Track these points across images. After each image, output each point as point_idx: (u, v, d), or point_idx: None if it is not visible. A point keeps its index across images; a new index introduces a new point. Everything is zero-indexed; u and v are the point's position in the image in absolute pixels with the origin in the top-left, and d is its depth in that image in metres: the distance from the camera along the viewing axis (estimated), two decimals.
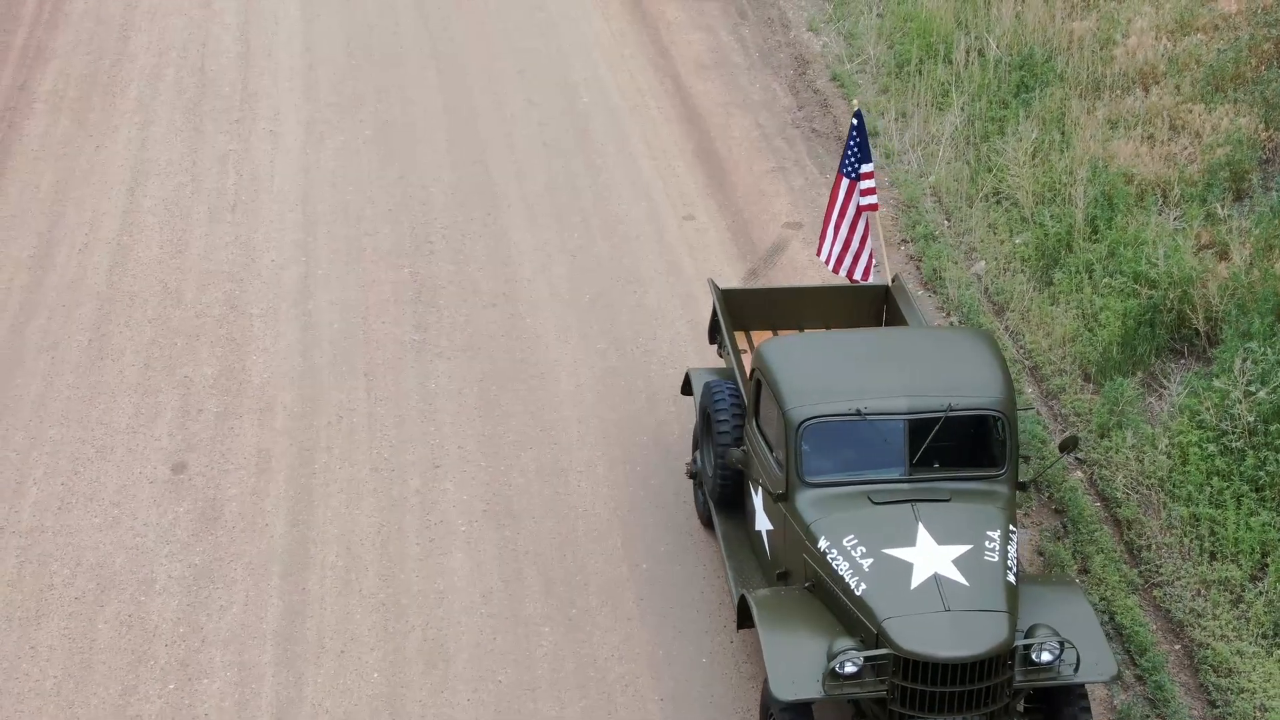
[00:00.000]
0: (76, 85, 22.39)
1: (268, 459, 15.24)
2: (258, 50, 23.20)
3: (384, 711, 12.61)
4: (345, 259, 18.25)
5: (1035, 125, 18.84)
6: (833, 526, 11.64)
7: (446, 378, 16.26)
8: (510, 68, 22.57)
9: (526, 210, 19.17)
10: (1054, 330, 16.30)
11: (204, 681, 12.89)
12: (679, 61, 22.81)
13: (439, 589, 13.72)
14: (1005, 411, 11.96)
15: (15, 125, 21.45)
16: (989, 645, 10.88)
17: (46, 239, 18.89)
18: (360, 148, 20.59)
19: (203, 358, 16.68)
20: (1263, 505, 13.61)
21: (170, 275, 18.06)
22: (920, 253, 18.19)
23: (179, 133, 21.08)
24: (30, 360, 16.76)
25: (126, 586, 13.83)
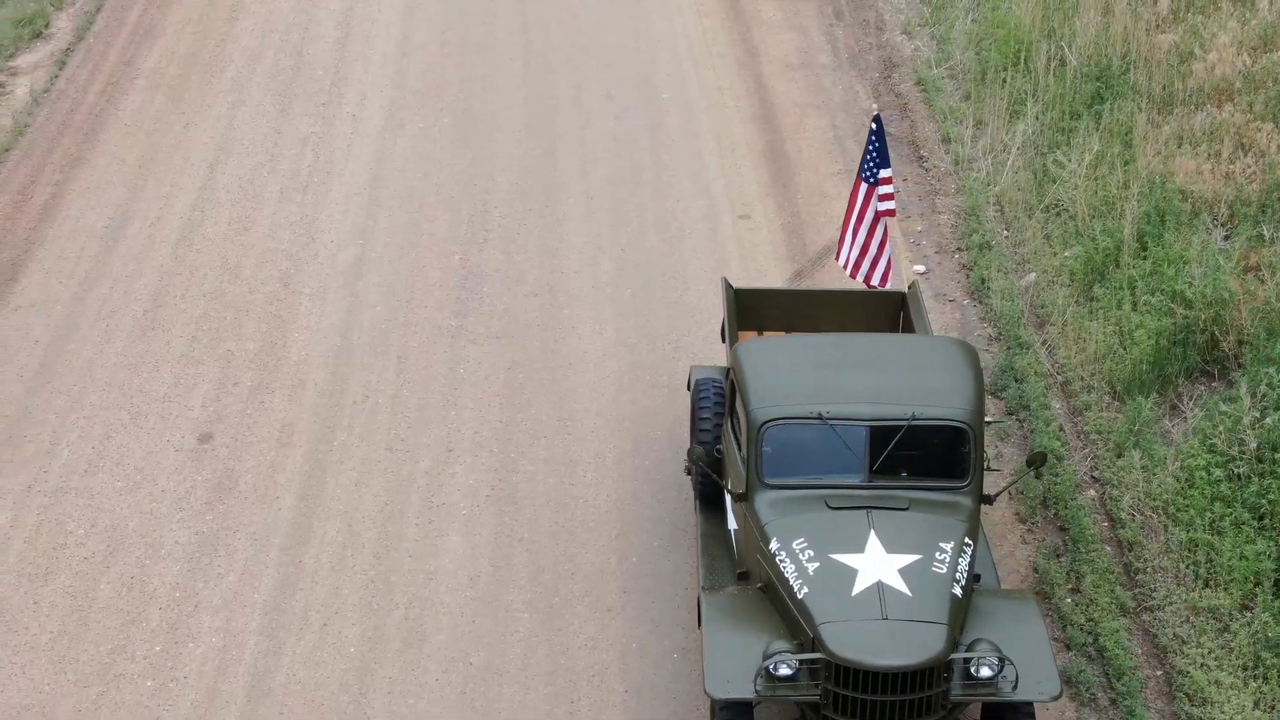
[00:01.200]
0: (179, 63, 23.06)
1: (290, 434, 15.64)
2: (356, 36, 23.69)
3: (354, 685, 12.89)
4: (401, 243, 18.61)
5: (1101, 137, 18.54)
6: (785, 529, 11.67)
7: (475, 364, 16.52)
8: (597, 62, 22.78)
9: (585, 202, 19.36)
10: (1087, 346, 16.06)
11: (189, 645, 13.30)
12: (765, 61, 22.81)
13: (429, 569, 13.98)
14: (970, 423, 11.87)
15: (114, 100, 22.17)
16: (922, 656, 10.83)
17: (123, 211, 19.52)
18: (436, 135, 20.94)
19: (247, 333, 17.13)
20: (1261, 534, 13.33)
21: (232, 251, 18.57)
22: (972, 261, 18.02)
23: (266, 113, 21.61)
24: (86, 327, 17.35)
25: (134, 550, 14.30)
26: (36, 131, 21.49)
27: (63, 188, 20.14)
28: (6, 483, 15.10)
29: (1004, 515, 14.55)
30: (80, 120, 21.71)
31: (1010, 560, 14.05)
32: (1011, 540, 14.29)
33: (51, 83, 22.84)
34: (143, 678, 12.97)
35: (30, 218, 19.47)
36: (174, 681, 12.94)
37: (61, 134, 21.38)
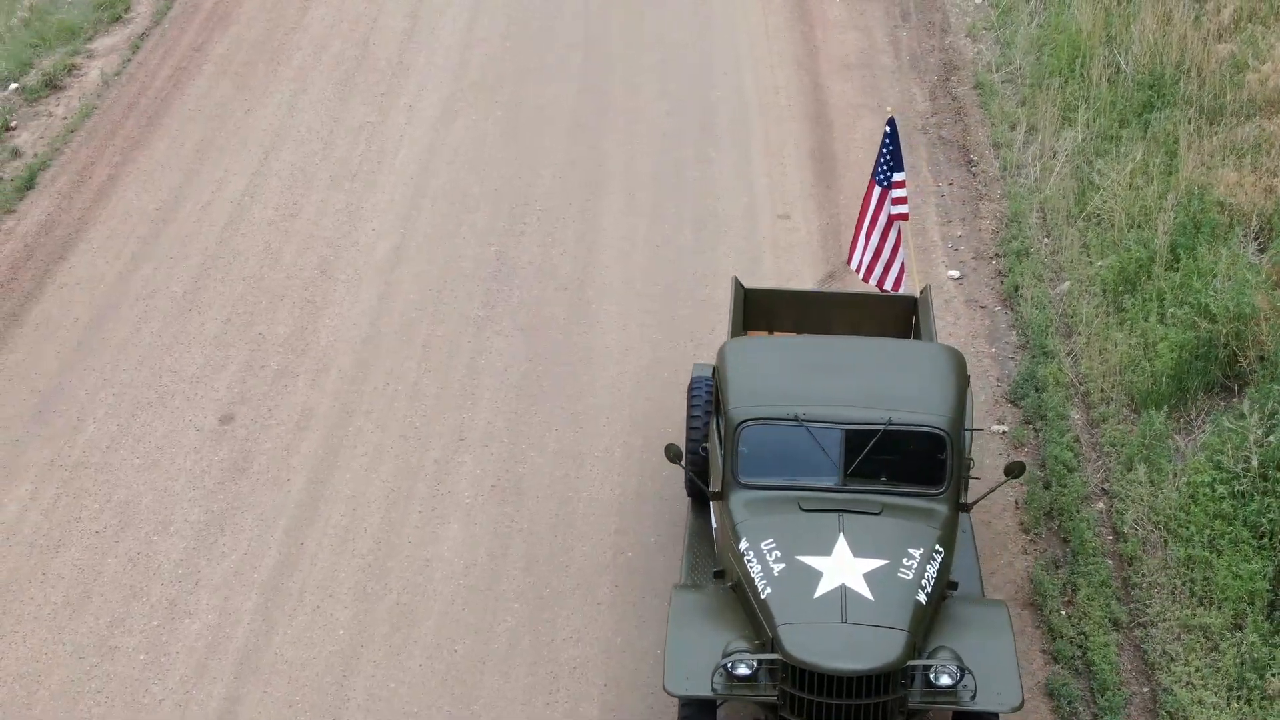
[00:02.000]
0: (247, 51, 23.47)
1: (309, 418, 15.90)
2: (423, 28, 23.97)
3: (338, 667, 13.10)
4: (440, 234, 18.83)
5: (1146, 147, 18.32)
6: (755, 528, 11.70)
7: (497, 355, 16.68)
8: (655, 58, 22.87)
9: (626, 198, 19.46)
10: (1110, 357, 15.90)
11: (185, 621, 13.59)
12: (824, 61, 22.77)
13: (426, 556, 14.17)
14: (947, 430, 11.83)
15: (181, 85, 22.62)
16: (878, 662, 10.82)
17: (176, 194, 19.94)
18: (488, 127, 21.14)
19: (280, 317, 17.43)
20: (1259, 553, 13.15)
21: (275, 237, 18.89)
22: (1008, 268, 17.88)
23: (326, 102, 21.94)
24: (126, 307, 17.75)
25: (144, 526, 14.62)
26: (103, 114, 21.96)
27: (121, 169, 20.57)
28: (32, 455, 15.48)
29: (1007, 525, 14.46)
30: (146, 104, 22.15)
31: (1008, 570, 13.96)
32: (1012, 550, 14.19)
33: (124, 66, 23.34)
34: (137, 651, 13.27)
35: (86, 198, 19.92)
36: (166, 656, 13.22)
37: (126, 117, 21.83)
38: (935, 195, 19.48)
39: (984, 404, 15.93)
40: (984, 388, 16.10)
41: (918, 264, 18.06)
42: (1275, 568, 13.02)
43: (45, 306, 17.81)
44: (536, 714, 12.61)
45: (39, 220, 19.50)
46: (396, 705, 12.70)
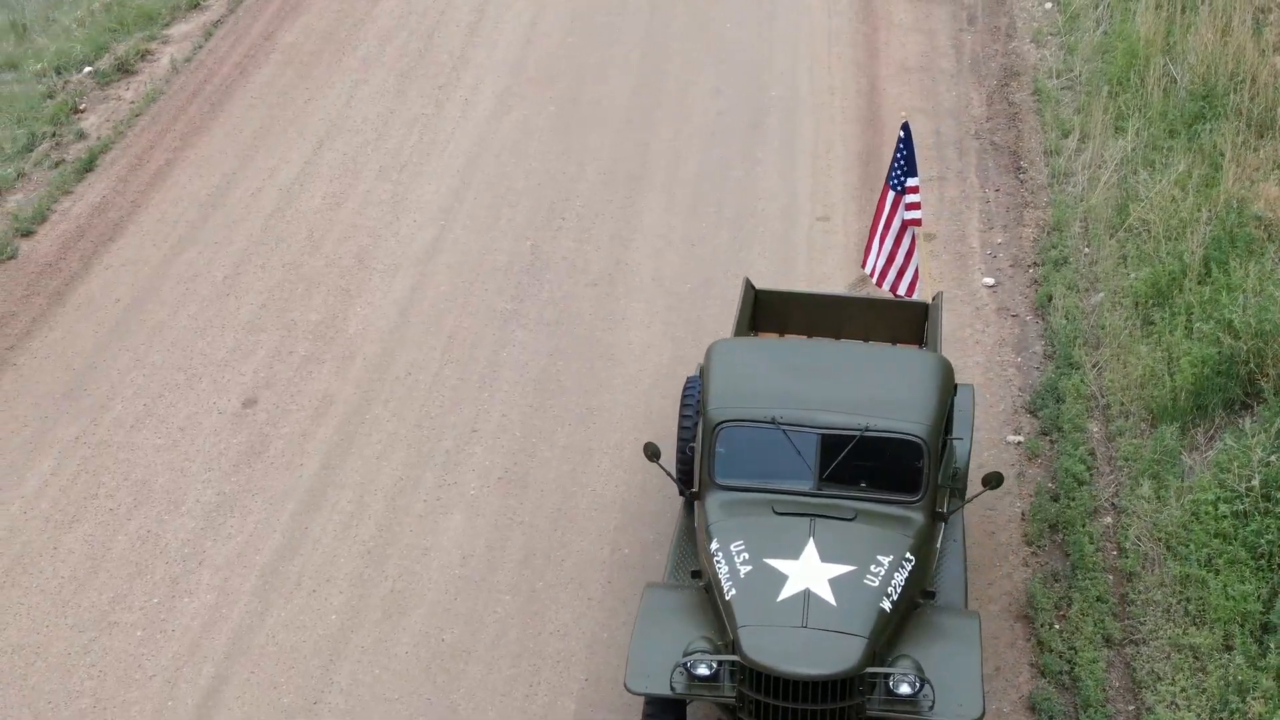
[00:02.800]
0: (315, 40, 23.80)
1: (329, 404, 16.13)
2: (488, 22, 24.18)
3: (325, 651, 13.30)
4: (478, 226, 19.01)
5: (1191, 158, 18.06)
6: (727, 530, 11.73)
7: (520, 348, 16.81)
8: (714, 55, 22.89)
9: (667, 196, 19.52)
10: (1134, 370, 15.71)
11: (185, 600, 13.86)
12: (884, 63, 22.65)
13: (425, 545, 14.33)
14: (925, 439, 11.77)
15: (246, 73, 23.00)
16: (834, 668, 10.81)
17: (229, 180, 20.28)
18: (539, 122, 21.29)
19: (314, 304, 17.69)
20: (1255, 574, 12.94)
21: (319, 225, 19.17)
22: (1044, 277, 17.71)
23: (385, 93, 22.20)
24: (167, 290, 18.11)
25: (157, 505, 14.92)
26: (168, 99, 22.39)
27: (179, 155, 20.96)
28: (59, 432, 15.84)
29: (1011, 536, 14.36)
30: (210, 91, 22.55)
31: (1006, 582, 13.85)
32: (1013, 561, 14.08)
33: (194, 52, 23.78)
34: (135, 627, 13.55)
35: (142, 181, 20.33)
36: (162, 633, 13.48)
37: (190, 103, 22.24)
38: (980, 201, 19.33)
39: (1002, 413, 15.80)
40: (1004, 397, 15.97)
41: (953, 270, 17.95)
42: (1270, 589, 12.75)
43: (89, 287, 18.18)
44: (514, 706, 12.70)
45: (94, 202, 19.91)
46: (378, 691, 12.85)
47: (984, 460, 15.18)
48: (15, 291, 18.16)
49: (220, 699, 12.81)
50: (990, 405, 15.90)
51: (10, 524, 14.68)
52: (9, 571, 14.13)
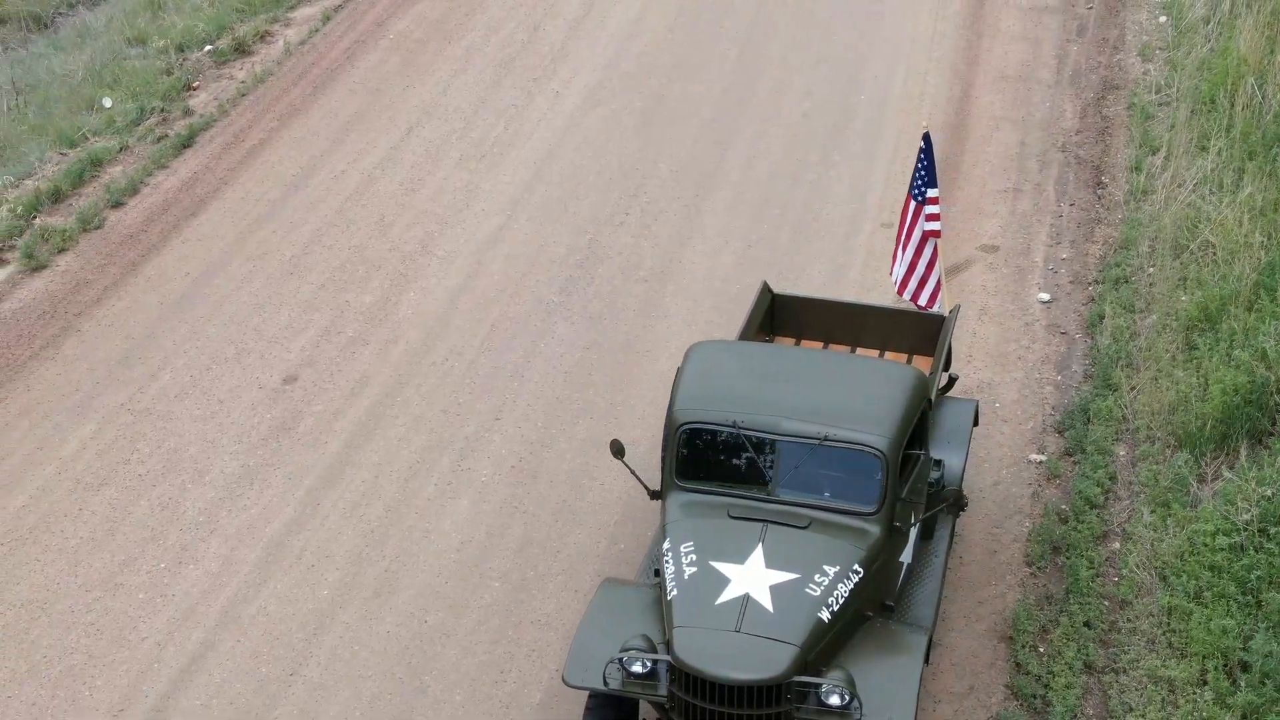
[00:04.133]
0: (424, 29, 24.28)
1: (365, 385, 16.52)
2: (594, 15, 24.42)
3: (311, 625, 13.65)
4: (543, 218, 19.25)
5: (1261, 181, 17.60)
6: (680, 531, 11.80)
7: (558, 340, 17.02)
8: (812, 58, 22.85)
9: (735, 195, 19.57)
10: (1167, 395, 15.41)
11: (189, 567, 14.33)
12: (982, 71, 22.41)
13: (427, 528, 14.62)
14: (884, 450, 11.71)
15: (354, 58, 23.56)
16: (759, 673, 10.83)
17: (316, 162, 20.82)
18: (623, 117, 21.47)
19: (371, 287, 18.11)
20: (1241, 609, 12.65)
21: (391, 210, 19.59)
22: (1100, 296, 17.42)
23: (480, 83, 22.59)
24: (235, 266, 18.68)
25: (183, 474, 15.43)
26: (275, 81, 23.03)
27: (274, 135, 21.55)
28: (107, 398, 16.45)
29: (1012, 556, 14.20)
30: (316, 74, 23.13)
31: (998, 601, 13.70)
32: (1009, 581, 13.93)
33: (309, 36, 24.40)
34: (138, 590, 14.04)
35: (234, 160, 20.96)
36: (161, 597, 13.96)
37: (294, 85, 22.84)
38: (1052, 216, 19.05)
39: (1030, 431, 15.61)
40: (1035, 415, 15.78)
41: (1010, 284, 17.77)
42: (1253, 626, 12.44)
43: (164, 259, 18.81)
44: (482, 691, 12.91)
45: (185, 178, 20.58)
46: (354, 667, 13.16)
47: (1000, 478, 15.03)
48: (94, 260, 18.84)
49: (202, 664, 13.22)
50: (1019, 423, 15.71)
51: (44, 484, 15.26)
52: (33, 529, 14.70)
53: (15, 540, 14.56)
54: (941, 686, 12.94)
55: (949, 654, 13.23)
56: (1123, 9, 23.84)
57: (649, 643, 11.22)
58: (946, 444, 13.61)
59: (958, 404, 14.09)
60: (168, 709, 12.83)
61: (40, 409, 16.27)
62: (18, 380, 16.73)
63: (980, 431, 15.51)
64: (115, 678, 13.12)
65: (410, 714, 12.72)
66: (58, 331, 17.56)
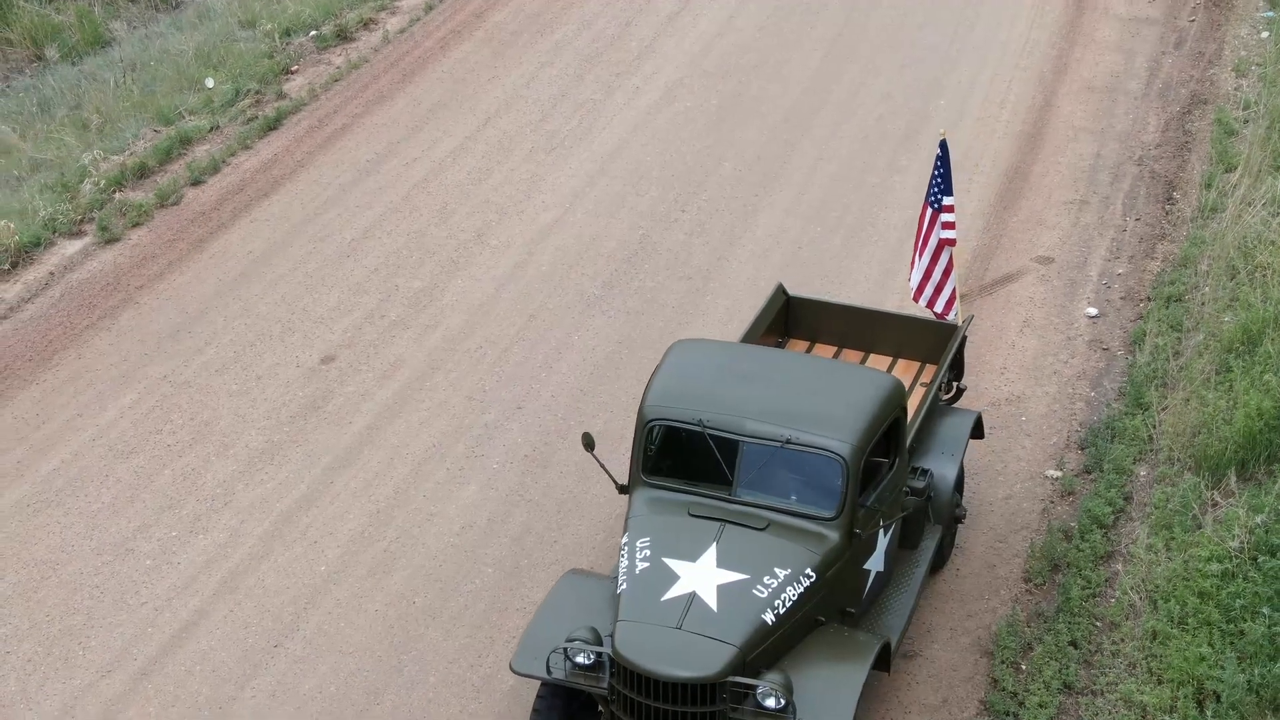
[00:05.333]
0: (520, 21, 24.56)
1: (398, 368, 16.81)
2: (688, 13, 24.52)
3: (303, 599, 13.96)
4: (600, 212, 19.41)
5: None
6: (640, 526, 11.88)
7: (591, 334, 17.16)
8: (897, 61, 22.70)
9: (794, 197, 19.54)
10: (1193, 417, 15.12)
11: (199, 537, 14.72)
12: (1069, 79, 22.09)
13: (431, 512, 14.85)
14: (846, 456, 11.67)
15: (447, 48, 23.92)
16: (695, 671, 10.87)
17: (391, 149, 21.20)
18: (697, 115, 21.54)
19: (421, 273, 18.41)
20: (1221, 638, 12.41)
21: (454, 198, 19.89)
22: (1149, 313, 17.12)
23: (564, 76, 22.80)
24: (296, 246, 19.11)
25: (209, 446, 15.85)
26: (369, 68, 23.48)
27: (357, 120, 21.97)
28: (152, 369, 16.95)
29: (1011, 571, 14.06)
30: (408, 62, 23.53)
31: (988, 615, 13.58)
32: (1003, 596, 13.78)
33: (410, 25, 24.80)
34: (146, 556, 14.47)
35: (314, 143, 21.42)
36: (167, 565, 14.37)
37: (385, 72, 23.25)
38: (1116, 230, 18.73)
39: (1053, 447, 15.43)
40: (1061, 431, 15.58)
41: (1058, 298, 17.59)
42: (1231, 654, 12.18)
43: (230, 237, 19.30)
44: (457, 674, 13.10)
45: (265, 159, 21.07)
46: (337, 642, 13.43)
47: (1013, 492, 14.89)
48: (165, 235, 19.38)
49: (193, 632, 13.59)
50: (1043, 438, 15.51)
51: (77, 449, 15.77)
52: (60, 492, 15.20)
53: (42, 502, 15.04)
54: (914, 697, 12.83)
55: (928, 665, 13.11)
56: (1225, 23, 23.30)
57: (595, 635, 11.28)
58: (940, 454, 13.46)
59: (958, 414, 13.94)
60: (152, 672, 13.18)
61: (87, 376, 16.78)
62: (71, 348, 17.26)
63: (1000, 444, 15.35)
64: (109, 640, 13.50)
65: (383, 692, 12.92)
66: (117, 303, 18.08)
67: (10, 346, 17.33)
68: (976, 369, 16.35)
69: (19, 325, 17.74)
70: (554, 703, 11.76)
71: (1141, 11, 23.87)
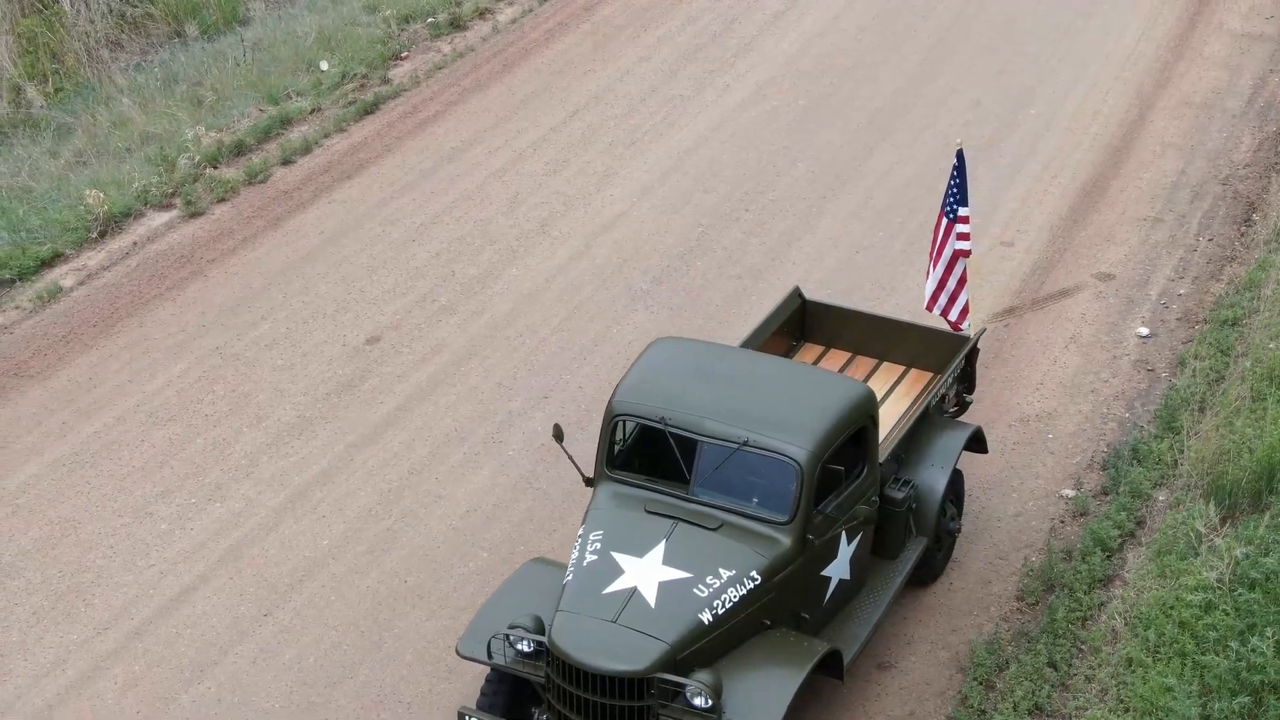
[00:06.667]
0: (627, 15, 24.77)
1: (438, 352, 17.12)
2: (794, 13, 24.49)
3: (301, 571, 14.32)
4: (665, 207, 19.51)
5: None
6: (597, 519, 12.00)
7: (631, 328, 17.28)
8: (996, 67, 22.44)
9: (862, 200, 19.44)
10: (1219, 444, 14.79)
11: (215, 505, 15.18)
12: (1168, 94, 21.63)
13: (440, 494, 15.12)
14: (800, 461, 11.66)
15: (551, 40, 24.23)
16: (623, 665, 10.95)
17: (476, 137, 21.55)
18: (782, 114, 21.52)
19: (480, 260, 18.72)
20: (1191, 669, 12.16)
21: (526, 188, 20.16)
22: (1202, 335, 16.75)
23: (659, 72, 22.94)
24: (366, 229, 19.55)
25: (244, 418, 16.31)
26: (474, 57, 23.89)
27: (449, 108, 22.36)
28: (206, 340, 17.49)
29: (1005, 588, 13.89)
30: (511, 53, 23.87)
31: (972, 631, 13.45)
32: (992, 614, 13.64)
33: (522, 16, 25.14)
34: (162, 520, 14.96)
35: (405, 129, 21.86)
36: (181, 530, 14.84)
37: (488, 61, 23.63)
38: (1185, 249, 18.32)
39: (1075, 466, 15.21)
40: (1086, 450, 15.35)
41: (1112, 316, 17.31)
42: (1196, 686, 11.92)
43: (306, 217, 19.80)
44: (434, 654, 13.32)
45: (355, 142, 21.55)
46: (325, 616, 13.75)
47: (1024, 509, 14.72)
48: (245, 212, 19.95)
49: (192, 596, 14.02)
50: (1066, 456, 15.28)
51: (120, 414, 16.35)
52: (96, 454, 15.78)
53: (77, 462, 15.61)
54: (881, 708, 12.76)
55: (901, 677, 13.02)
56: None
57: (538, 623, 11.41)
58: (929, 466, 13.34)
59: (954, 427, 13.80)
60: (145, 632, 13.63)
61: (144, 344, 17.36)
62: (135, 316, 17.87)
63: (1021, 461, 15.16)
64: (112, 598, 13.98)
65: (359, 666, 13.21)
66: (187, 275, 18.65)
67: (79, 313, 17.95)
68: (1011, 383, 16.14)
69: (91, 292, 18.37)
70: (500, 688, 11.89)
71: (1257, 28, 23.21)
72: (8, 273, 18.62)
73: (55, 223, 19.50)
